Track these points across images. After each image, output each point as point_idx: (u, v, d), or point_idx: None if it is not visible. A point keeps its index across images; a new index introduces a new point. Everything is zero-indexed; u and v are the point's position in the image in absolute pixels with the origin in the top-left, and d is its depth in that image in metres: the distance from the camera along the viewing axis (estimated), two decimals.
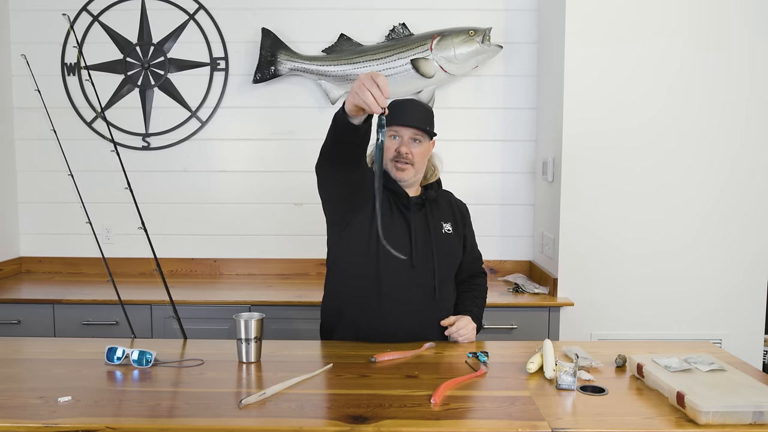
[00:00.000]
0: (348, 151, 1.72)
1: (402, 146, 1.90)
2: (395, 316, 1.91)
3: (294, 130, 3.26)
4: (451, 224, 2.03)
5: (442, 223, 2.01)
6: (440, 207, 2.04)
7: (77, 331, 2.75)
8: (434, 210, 2.01)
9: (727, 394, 1.43)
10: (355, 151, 1.72)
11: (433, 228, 1.96)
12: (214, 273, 3.30)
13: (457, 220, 2.07)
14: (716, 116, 2.76)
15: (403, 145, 1.90)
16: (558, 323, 2.76)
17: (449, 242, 2.00)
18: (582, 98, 2.76)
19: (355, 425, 1.35)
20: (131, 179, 2.32)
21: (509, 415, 1.41)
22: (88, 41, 3.24)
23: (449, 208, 2.08)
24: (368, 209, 1.89)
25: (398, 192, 1.95)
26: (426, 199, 1.99)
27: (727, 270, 2.81)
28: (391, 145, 1.91)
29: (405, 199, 1.95)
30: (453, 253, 2.02)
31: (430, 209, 2.00)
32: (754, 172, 2.78)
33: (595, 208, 2.80)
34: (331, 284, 2.03)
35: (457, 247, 2.03)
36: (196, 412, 1.42)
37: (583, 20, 2.74)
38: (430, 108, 1.99)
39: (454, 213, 2.08)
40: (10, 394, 1.52)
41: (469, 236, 2.12)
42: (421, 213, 1.98)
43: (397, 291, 1.90)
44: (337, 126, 1.66)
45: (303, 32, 3.22)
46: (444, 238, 1.98)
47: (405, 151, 1.90)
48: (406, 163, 1.91)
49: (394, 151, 1.91)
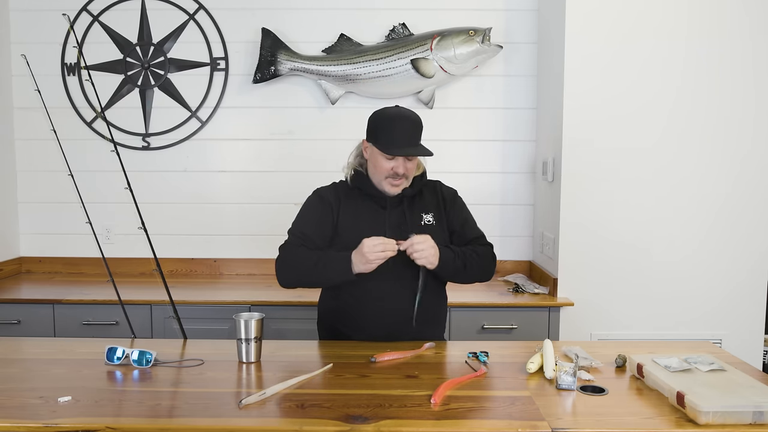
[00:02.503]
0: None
1: (398, 168, 1.92)
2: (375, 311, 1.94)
3: (294, 130, 3.26)
4: (433, 215, 2.02)
5: (423, 215, 2.01)
6: (423, 199, 2.04)
7: (77, 331, 2.75)
8: (415, 203, 2.02)
9: (727, 394, 1.43)
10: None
11: (410, 222, 1.97)
12: (214, 273, 3.30)
13: (441, 208, 2.05)
14: (719, 117, 2.76)
15: (399, 166, 1.92)
16: (558, 323, 2.76)
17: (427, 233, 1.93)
18: (582, 98, 2.76)
19: (355, 425, 1.35)
20: (131, 179, 2.32)
21: (509, 415, 1.42)
22: (88, 41, 3.24)
23: (434, 198, 2.07)
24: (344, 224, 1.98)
25: (372, 194, 1.99)
26: (404, 196, 1.99)
27: (728, 270, 2.81)
28: (387, 165, 1.92)
29: (380, 199, 1.98)
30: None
31: (409, 204, 2.00)
32: (755, 173, 2.78)
33: (595, 207, 2.80)
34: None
35: (438, 237, 1.97)
36: (196, 412, 1.42)
37: (584, 20, 2.74)
38: (418, 119, 1.96)
39: (438, 202, 2.06)
40: (10, 394, 1.52)
41: (457, 219, 2.07)
42: (398, 209, 1.99)
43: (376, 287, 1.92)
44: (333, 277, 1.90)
45: (303, 32, 3.22)
46: (421, 231, 1.94)
47: (402, 172, 1.93)
48: (400, 179, 1.94)
49: (390, 170, 1.92)
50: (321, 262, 1.89)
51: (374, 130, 1.95)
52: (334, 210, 1.99)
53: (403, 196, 1.99)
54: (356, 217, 1.98)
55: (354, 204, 2.00)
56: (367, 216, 1.98)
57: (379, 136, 1.93)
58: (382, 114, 1.96)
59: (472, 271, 1.97)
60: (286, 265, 1.95)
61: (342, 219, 1.99)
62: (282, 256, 1.97)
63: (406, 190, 1.99)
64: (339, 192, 2.04)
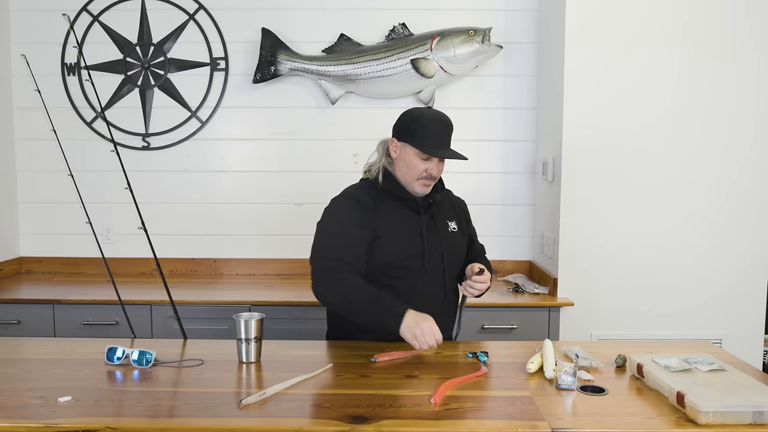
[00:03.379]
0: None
1: (433, 169, 1.91)
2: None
3: (294, 130, 3.26)
4: (456, 222, 2.05)
5: (448, 222, 2.03)
6: (444, 206, 2.06)
7: (77, 331, 2.75)
8: (439, 210, 2.02)
9: (727, 394, 1.43)
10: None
11: (441, 228, 1.98)
12: (214, 273, 3.30)
13: (460, 217, 2.10)
14: (719, 115, 2.76)
15: (434, 168, 1.91)
16: (558, 323, 2.76)
17: (456, 240, 2.03)
18: (582, 98, 2.76)
19: (355, 425, 1.35)
20: (131, 179, 2.33)
21: (509, 415, 1.42)
22: (88, 41, 3.24)
23: (451, 206, 2.10)
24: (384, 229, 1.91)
25: (405, 197, 1.96)
26: (432, 202, 1.99)
27: (728, 270, 2.81)
28: (422, 166, 1.90)
29: (413, 204, 1.96)
30: (460, 251, 2.05)
31: (436, 210, 2.01)
32: (754, 173, 2.78)
33: (595, 208, 2.80)
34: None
35: (463, 245, 2.06)
36: (196, 412, 1.42)
37: (584, 20, 2.74)
38: (451, 122, 1.96)
39: (457, 211, 2.10)
40: (10, 394, 1.52)
41: (472, 231, 2.16)
42: (427, 215, 1.98)
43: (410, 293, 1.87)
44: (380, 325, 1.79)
45: (303, 32, 3.22)
46: (450, 237, 2.00)
47: (436, 174, 1.93)
48: (431, 180, 1.93)
49: (424, 171, 1.90)
50: (376, 307, 1.76)
51: (412, 129, 1.90)
52: (373, 215, 1.90)
53: (432, 202, 1.98)
54: (393, 222, 1.92)
55: (390, 207, 1.94)
56: (403, 221, 1.94)
57: (416, 136, 1.88)
58: (421, 114, 1.92)
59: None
60: (331, 291, 1.83)
61: (381, 224, 1.90)
62: (326, 277, 1.83)
63: (436, 196, 1.99)
64: (373, 194, 1.94)
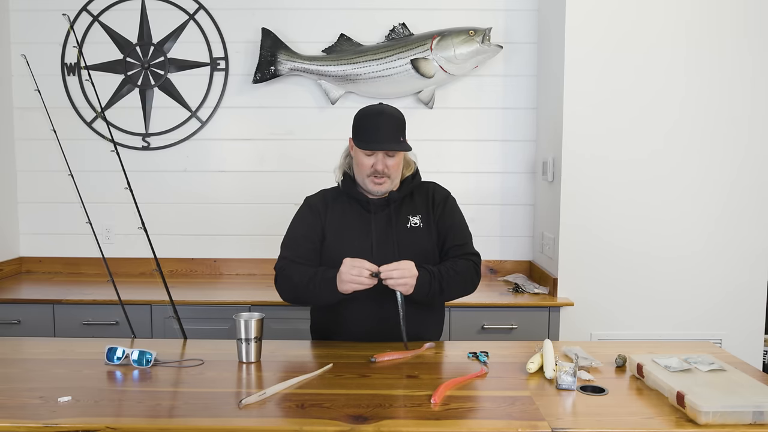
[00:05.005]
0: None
1: (378, 164, 1.91)
2: (357, 314, 1.92)
3: (294, 130, 3.26)
4: (421, 216, 1.99)
5: (409, 217, 1.98)
6: (413, 201, 2.02)
7: (77, 331, 2.75)
8: (402, 206, 1.99)
9: (727, 394, 1.43)
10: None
11: (395, 225, 1.96)
12: (214, 273, 3.30)
13: (430, 210, 2.01)
14: (719, 115, 2.75)
15: (378, 162, 1.91)
16: (558, 323, 2.76)
17: (414, 236, 1.96)
18: (582, 98, 2.76)
19: (355, 425, 1.35)
20: (131, 179, 2.32)
21: (509, 415, 1.41)
22: (88, 41, 3.24)
23: (424, 199, 2.03)
24: (331, 229, 1.98)
25: (359, 198, 1.98)
26: (390, 200, 1.97)
27: (728, 270, 2.81)
28: (367, 162, 1.92)
29: (367, 204, 1.98)
30: (422, 246, 1.96)
31: (395, 207, 1.98)
32: (755, 173, 2.78)
33: (595, 207, 2.80)
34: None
35: (427, 240, 1.97)
36: (196, 412, 1.42)
37: (583, 20, 2.74)
38: (400, 116, 1.94)
39: (428, 204, 2.02)
40: (10, 394, 1.52)
41: (445, 222, 2.01)
42: (383, 213, 1.97)
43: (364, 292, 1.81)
44: (324, 298, 1.87)
45: (303, 32, 3.22)
46: (407, 233, 1.95)
47: (381, 169, 1.91)
48: (383, 177, 1.93)
49: (370, 167, 1.91)
50: (312, 283, 1.86)
51: (355, 127, 1.95)
52: (321, 217, 1.99)
53: (390, 200, 1.97)
54: (342, 221, 1.98)
55: (340, 208, 2.00)
56: (353, 220, 1.97)
57: (358, 132, 1.93)
58: (363, 111, 1.97)
59: (450, 293, 1.92)
60: (283, 286, 1.95)
61: (329, 225, 1.98)
62: (278, 276, 1.96)
63: (393, 194, 1.97)
64: (327, 198, 2.04)
